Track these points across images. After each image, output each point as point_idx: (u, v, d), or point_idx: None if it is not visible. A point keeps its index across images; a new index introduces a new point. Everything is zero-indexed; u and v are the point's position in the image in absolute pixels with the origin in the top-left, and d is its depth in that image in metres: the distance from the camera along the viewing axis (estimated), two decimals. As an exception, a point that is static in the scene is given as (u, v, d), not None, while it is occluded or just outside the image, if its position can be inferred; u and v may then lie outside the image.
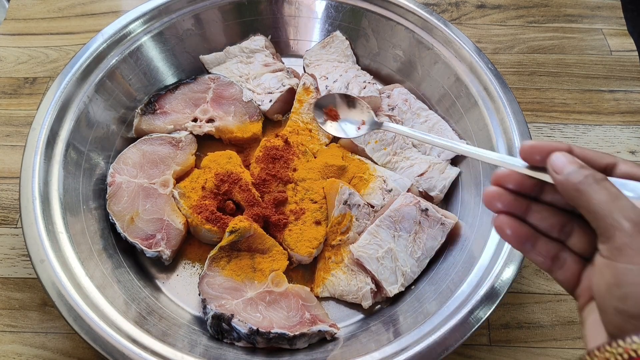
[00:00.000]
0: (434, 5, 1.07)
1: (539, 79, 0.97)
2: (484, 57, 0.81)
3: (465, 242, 0.71)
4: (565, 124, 0.92)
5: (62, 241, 0.65)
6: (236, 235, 0.70)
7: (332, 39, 0.91)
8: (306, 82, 0.86)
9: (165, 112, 0.82)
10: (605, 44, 1.01)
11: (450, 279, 0.67)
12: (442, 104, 0.86)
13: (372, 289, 0.70)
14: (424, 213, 0.72)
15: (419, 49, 0.87)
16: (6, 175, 0.82)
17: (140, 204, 0.73)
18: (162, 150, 0.78)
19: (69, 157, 0.72)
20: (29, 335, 0.69)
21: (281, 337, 0.63)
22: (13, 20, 1.01)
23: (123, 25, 0.82)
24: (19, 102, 0.90)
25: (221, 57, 0.90)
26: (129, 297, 0.66)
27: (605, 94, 0.95)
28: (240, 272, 0.70)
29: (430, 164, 0.79)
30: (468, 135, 0.80)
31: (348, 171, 0.79)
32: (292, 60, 0.95)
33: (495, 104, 0.77)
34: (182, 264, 0.75)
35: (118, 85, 0.81)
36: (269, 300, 0.68)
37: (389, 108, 0.85)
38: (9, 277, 0.74)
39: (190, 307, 0.71)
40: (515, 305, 0.73)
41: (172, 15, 0.86)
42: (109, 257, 0.70)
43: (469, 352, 0.70)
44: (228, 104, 0.84)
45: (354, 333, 0.68)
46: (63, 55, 0.96)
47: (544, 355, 0.70)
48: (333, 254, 0.73)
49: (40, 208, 0.65)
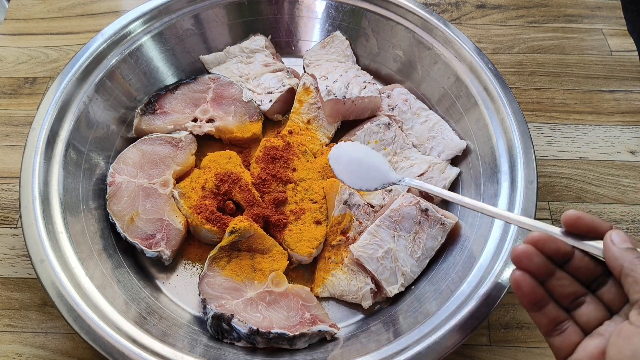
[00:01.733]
0: (434, 5, 1.07)
1: (539, 79, 0.97)
2: (484, 57, 0.81)
3: (465, 242, 0.71)
4: (565, 124, 0.92)
5: (62, 241, 0.65)
6: (236, 235, 0.70)
7: (332, 39, 0.91)
8: (306, 82, 0.86)
9: (165, 112, 0.82)
10: (605, 44, 1.01)
11: (450, 279, 0.67)
12: (442, 104, 0.86)
13: (372, 289, 0.70)
14: (424, 213, 0.72)
15: (419, 49, 0.87)
16: (6, 175, 0.82)
17: (140, 204, 0.73)
18: (162, 150, 0.78)
19: (69, 157, 0.72)
20: (29, 335, 0.69)
21: (281, 337, 0.63)
22: (13, 20, 1.01)
23: (123, 25, 0.82)
24: (19, 102, 0.90)
25: (221, 57, 0.90)
26: (129, 297, 0.66)
27: (605, 94, 0.95)
28: (240, 272, 0.70)
29: (430, 164, 0.79)
30: (468, 135, 0.80)
31: (348, 171, 0.79)
32: (292, 60, 0.95)
33: (495, 104, 0.77)
34: (182, 264, 0.75)
35: (118, 85, 0.81)
36: (269, 300, 0.68)
37: (389, 108, 0.85)
38: (9, 277, 0.74)
39: (190, 307, 0.71)
40: (515, 305, 0.73)
41: (172, 15, 0.86)
42: (109, 257, 0.70)
43: (469, 352, 0.70)
44: (228, 104, 0.84)
45: (354, 333, 0.68)
46: (63, 55, 0.96)
47: (544, 355, 0.70)
48: (333, 254, 0.73)
49: (40, 208, 0.65)
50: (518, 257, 0.42)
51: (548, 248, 0.42)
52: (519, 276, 0.42)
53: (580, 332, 0.42)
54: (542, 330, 0.43)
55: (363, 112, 0.84)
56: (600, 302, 0.42)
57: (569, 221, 0.42)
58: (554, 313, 0.42)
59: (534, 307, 0.43)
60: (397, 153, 0.81)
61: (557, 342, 0.42)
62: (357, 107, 0.82)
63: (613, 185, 0.85)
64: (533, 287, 0.42)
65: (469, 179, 0.78)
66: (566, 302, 0.43)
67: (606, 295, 0.42)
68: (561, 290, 0.43)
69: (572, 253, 0.42)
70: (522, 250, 0.42)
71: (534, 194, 0.69)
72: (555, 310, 0.43)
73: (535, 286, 0.42)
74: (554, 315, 0.42)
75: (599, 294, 0.42)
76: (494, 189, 0.72)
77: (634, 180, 0.86)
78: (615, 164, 0.87)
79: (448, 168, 0.80)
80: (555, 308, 0.43)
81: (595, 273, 0.42)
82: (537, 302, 0.43)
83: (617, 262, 0.39)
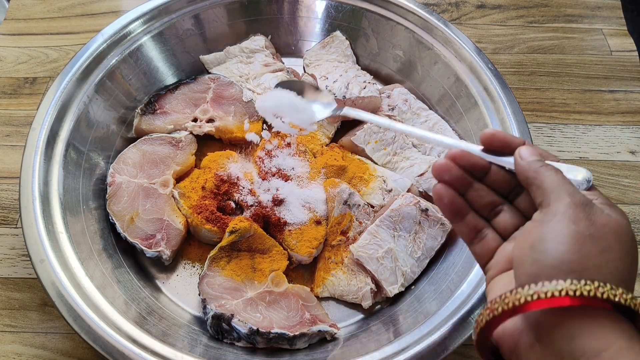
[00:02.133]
0: (434, 5, 1.07)
1: (539, 79, 0.97)
2: (484, 57, 0.81)
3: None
4: (565, 124, 0.92)
5: (62, 241, 0.65)
6: (236, 235, 0.70)
7: (332, 39, 0.91)
8: (306, 82, 0.86)
9: (165, 112, 0.82)
10: (605, 44, 1.01)
11: (450, 279, 0.67)
12: (442, 104, 0.86)
13: (372, 289, 0.70)
14: (424, 213, 0.72)
15: (419, 49, 0.87)
16: (6, 175, 0.82)
17: (140, 204, 0.73)
18: (162, 150, 0.78)
19: (69, 157, 0.72)
20: (29, 335, 0.69)
21: (281, 337, 0.63)
22: (13, 20, 1.01)
23: (123, 25, 0.82)
24: (19, 102, 0.90)
25: (221, 57, 0.90)
26: (129, 297, 0.66)
27: (605, 94, 0.95)
28: (240, 272, 0.70)
29: (430, 164, 0.79)
30: (468, 135, 0.80)
31: (348, 171, 0.79)
32: (292, 60, 0.95)
33: (495, 104, 0.77)
34: (182, 264, 0.75)
35: (118, 85, 0.81)
36: (269, 300, 0.68)
37: (389, 108, 0.85)
38: (9, 277, 0.74)
39: (190, 307, 0.71)
40: (515, 305, 0.73)
41: (172, 15, 0.86)
42: (109, 257, 0.70)
43: (469, 352, 0.70)
44: (228, 104, 0.84)
45: (354, 333, 0.68)
46: (63, 55, 0.96)
47: (544, 355, 0.70)
48: (333, 254, 0.73)
49: (40, 208, 0.65)
50: (438, 170, 0.45)
51: (465, 162, 0.45)
52: (440, 188, 0.45)
53: (499, 238, 0.45)
54: (464, 239, 0.47)
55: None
56: (516, 210, 0.45)
57: (484, 139, 0.45)
58: (473, 222, 0.46)
59: (455, 217, 0.46)
60: (397, 153, 0.81)
61: (478, 249, 0.46)
62: (357, 107, 0.82)
63: (613, 185, 0.85)
64: (453, 198, 0.45)
65: (469, 179, 0.78)
66: (485, 211, 0.46)
67: (522, 203, 0.45)
68: (480, 200, 0.46)
69: (488, 167, 0.45)
70: (442, 164, 0.45)
71: (534, 194, 0.69)
72: (474, 219, 0.46)
73: (454, 197, 0.45)
74: (474, 223, 0.46)
75: (515, 203, 0.45)
76: (494, 189, 0.72)
77: (634, 180, 0.86)
78: (615, 164, 0.87)
79: (448, 168, 0.80)
80: (474, 217, 0.46)
81: (512, 185, 0.45)
82: (457, 212, 0.46)
83: (524, 173, 0.42)
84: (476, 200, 0.46)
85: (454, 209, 0.46)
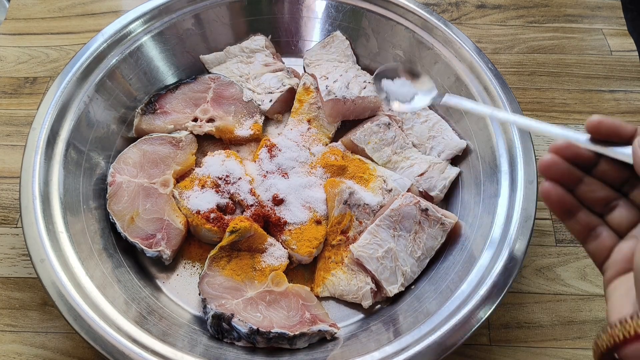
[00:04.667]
0: (434, 5, 1.07)
1: (539, 79, 0.97)
2: (484, 57, 0.81)
3: (465, 242, 0.71)
4: (565, 124, 0.92)
5: (62, 241, 0.65)
6: (236, 235, 0.70)
7: (332, 39, 0.91)
8: (306, 82, 0.86)
9: (166, 112, 0.82)
10: (605, 44, 1.01)
11: (450, 279, 0.67)
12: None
13: (372, 289, 0.70)
14: (424, 213, 0.72)
15: (419, 49, 0.87)
16: (6, 175, 0.83)
17: (141, 203, 0.73)
18: (162, 150, 0.78)
19: (69, 157, 0.72)
20: (29, 335, 0.69)
21: (281, 336, 0.63)
22: (13, 20, 1.01)
23: (123, 25, 0.82)
24: (19, 102, 0.90)
25: (221, 57, 0.91)
26: (129, 297, 0.66)
27: (605, 94, 0.95)
28: (240, 271, 0.70)
29: (430, 164, 0.79)
30: (468, 135, 0.80)
31: (348, 171, 0.79)
32: (292, 60, 0.95)
33: (495, 104, 0.77)
34: (182, 263, 0.75)
35: (118, 85, 0.81)
36: (269, 300, 0.68)
37: (389, 108, 0.85)
38: (9, 277, 0.74)
39: (191, 306, 0.71)
40: (515, 305, 0.73)
41: (173, 15, 0.86)
42: (109, 256, 0.70)
43: (469, 352, 0.70)
44: (228, 103, 0.84)
45: (354, 333, 0.68)
46: (63, 55, 0.96)
47: (544, 355, 0.70)
48: (333, 253, 0.74)
49: (40, 208, 0.65)
50: (544, 168, 0.42)
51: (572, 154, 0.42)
52: (547, 187, 0.42)
53: (615, 236, 0.42)
54: (577, 238, 0.43)
55: (363, 112, 0.84)
56: (633, 205, 0.41)
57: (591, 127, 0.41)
58: (586, 219, 0.42)
59: (565, 215, 0.43)
60: (397, 153, 0.81)
61: (593, 247, 0.42)
62: (357, 107, 0.82)
63: (613, 185, 0.85)
64: (561, 196, 0.42)
65: (469, 179, 0.78)
66: (599, 207, 0.43)
67: (638, 197, 0.41)
68: (592, 196, 0.42)
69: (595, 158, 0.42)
70: (547, 160, 0.42)
71: (534, 193, 0.69)
72: (587, 216, 0.42)
73: (563, 194, 0.42)
74: (587, 221, 0.42)
75: (631, 197, 0.42)
76: (494, 188, 0.72)
77: (634, 180, 0.86)
78: (615, 164, 0.87)
79: (448, 168, 0.80)
80: (587, 214, 0.43)
81: (624, 176, 0.41)
82: (567, 210, 0.43)
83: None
84: (588, 195, 0.42)
85: (564, 207, 0.42)
